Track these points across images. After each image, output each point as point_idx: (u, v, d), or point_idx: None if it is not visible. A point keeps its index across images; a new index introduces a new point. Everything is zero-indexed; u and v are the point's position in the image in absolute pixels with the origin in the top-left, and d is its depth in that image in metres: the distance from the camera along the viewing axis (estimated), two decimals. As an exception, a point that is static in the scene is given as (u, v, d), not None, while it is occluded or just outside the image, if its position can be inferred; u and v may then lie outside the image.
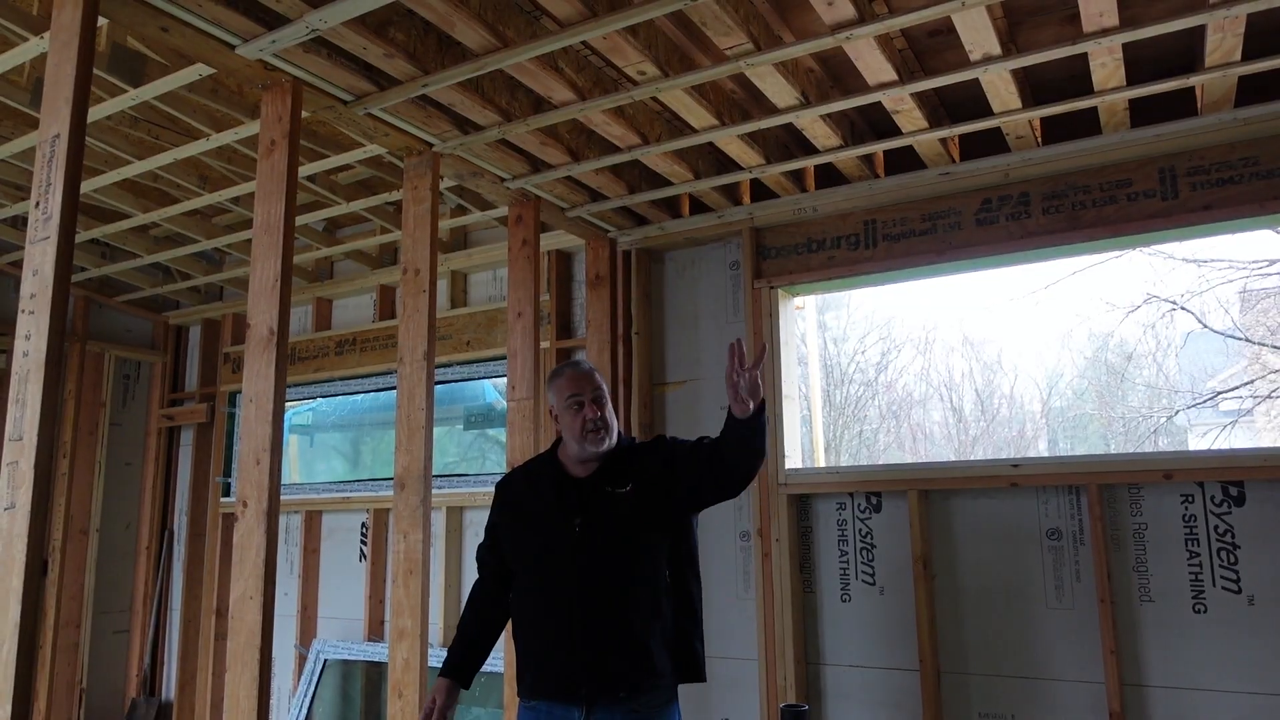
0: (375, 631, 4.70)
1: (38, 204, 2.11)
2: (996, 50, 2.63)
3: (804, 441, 3.97)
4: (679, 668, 2.29)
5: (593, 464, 2.37)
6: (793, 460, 3.71)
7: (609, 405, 2.38)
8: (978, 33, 2.54)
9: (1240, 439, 11.49)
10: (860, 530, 3.57)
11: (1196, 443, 13.05)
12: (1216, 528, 3.01)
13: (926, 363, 16.83)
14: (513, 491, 2.48)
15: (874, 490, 3.56)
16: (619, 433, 2.43)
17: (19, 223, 4.54)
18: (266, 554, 2.35)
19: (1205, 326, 10.71)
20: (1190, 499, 3.06)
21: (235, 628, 2.39)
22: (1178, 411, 13.00)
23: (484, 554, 2.49)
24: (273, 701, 4.85)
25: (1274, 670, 2.87)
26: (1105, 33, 2.52)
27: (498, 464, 4.67)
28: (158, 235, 4.78)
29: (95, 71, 2.71)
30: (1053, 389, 16.78)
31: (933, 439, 16.00)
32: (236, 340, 5.49)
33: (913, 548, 3.40)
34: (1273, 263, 9.91)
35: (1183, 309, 10.48)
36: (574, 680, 2.20)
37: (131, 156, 3.61)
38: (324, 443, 5.50)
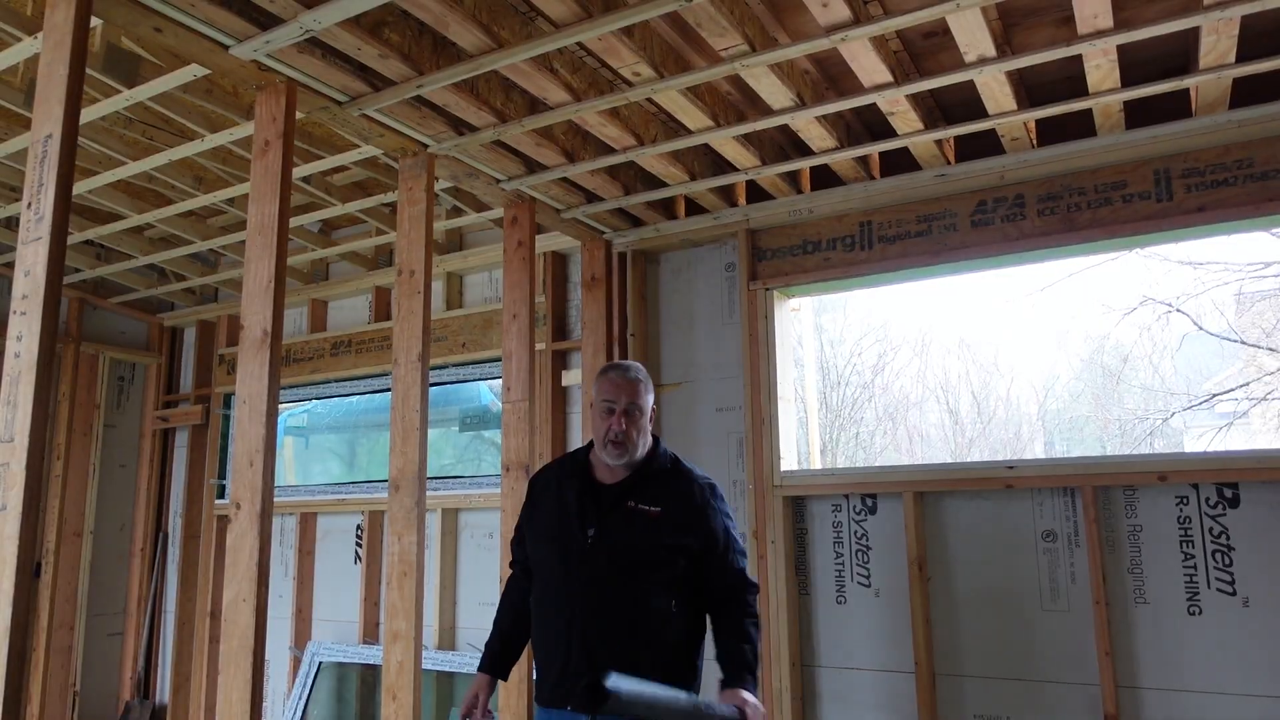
0: (370, 634, 4.68)
1: (30, 204, 2.10)
2: (991, 52, 2.63)
3: (800, 444, 3.97)
4: None
5: (622, 471, 2.32)
6: (788, 462, 3.71)
7: (641, 420, 2.30)
8: (972, 34, 2.54)
9: (1236, 441, 11.50)
10: (856, 532, 3.57)
11: (1192, 445, 13.06)
12: (1211, 529, 3.01)
13: (923, 365, 16.82)
14: (540, 488, 2.45)
15: (869, 492, 3.56)
16: (665, 451, 2.39)
17: (13, 224, 4.53)
18: (260, 556, 2.34)
19: (1200, 329, 10.73)
20: (1185, 501, 3.06)
21: (228, 630, 2.37)
22: (1173, 414, 13.01)
23: (515, 548, 2.49)
24: (266, 704, 4.84)
25: (1269, 672, 2.87)
26: (1100, 34, 2.52)
27: (493, 466, 4.66)
28: (152, 236, 4.77)
29: (89, 72, 2.71)
30: (1049, 391, 16.80)
31: (929, 441, 16.00)
32: (231, 342, 5.47)
33: (908, 550, 3.39)
34: (1268, 265, 9.95)
35: (1178, 311, 10.50)
36: (567, 693, 2.18)
37: (126, 157, 3.60)
38: (319, 444, 5.49)
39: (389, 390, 4.65)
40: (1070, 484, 3.19)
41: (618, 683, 1.79)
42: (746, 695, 2.10)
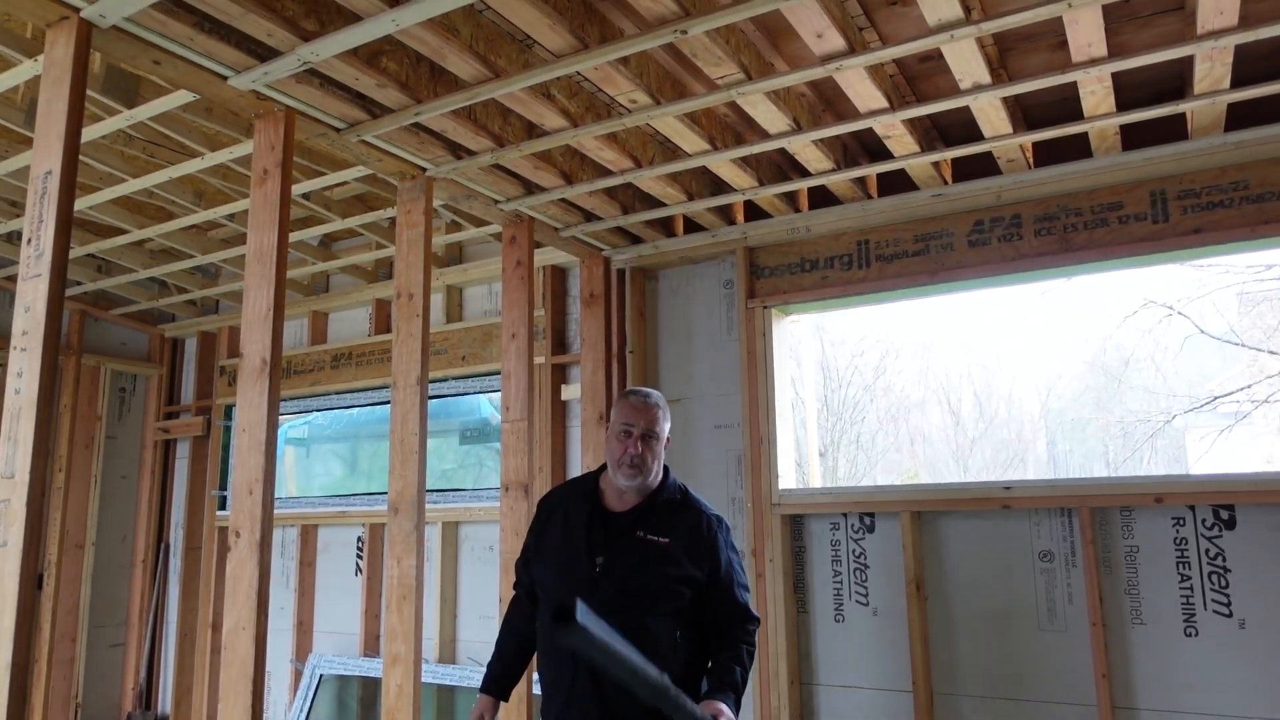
0: (371, 647, 4.70)
1: (30, 240, 2.12)
2: (986, 79, 2.64)
3: (801, 447, 3.97)
4: None
5: (632, 499, 2.32)
6: (786, 480, 3.72)
7: (657, 446, 2.32)
8: (967, 62, 2.54)
9: (1239, 442, 11.50)
10: (854, 551, 3.58)
11: (1195, 446, 13.04)
12: (1208, 551, 3.02)
13: (925, 365, 16.82)
14: (549, 512, 2.44)
15: (867, 511, 3.57)
16: (674, 481, 2.40)
17: (15, 238, 4.55)
18: (259, 585, 2.35)
19: (1202, 331, 10.74)
20: (1181, 522, 3.07)
21: (228, 658, 2.39)
22: (1175, 416, 13.01)
23: (520, 569, 2.49)
24: (268, 716, 4.87)
25: (1265, 694, 2.88)
26: (1094, 62, 2.53)
27: (494, 475, 4.66)
28: (153, 249, 4.78)
29: (90, 93, 2.72)
30: (1051, 391, 16.79)
31: (930, 442, 16.01)
32: (233, 353, 5.49)
33: (906, 569, 3.41)
34: (1269, 267, 9.96)
35: (1180, 314, 10.51)
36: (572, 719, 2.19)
37: (127, 175, 3.61)
38: (320, 456, 5.51)
39: (389, 402, 4.68)
40: (1067, 505, 3.20)
41: (586, 620, 1.73)
42: (723, 708, 2.11)
